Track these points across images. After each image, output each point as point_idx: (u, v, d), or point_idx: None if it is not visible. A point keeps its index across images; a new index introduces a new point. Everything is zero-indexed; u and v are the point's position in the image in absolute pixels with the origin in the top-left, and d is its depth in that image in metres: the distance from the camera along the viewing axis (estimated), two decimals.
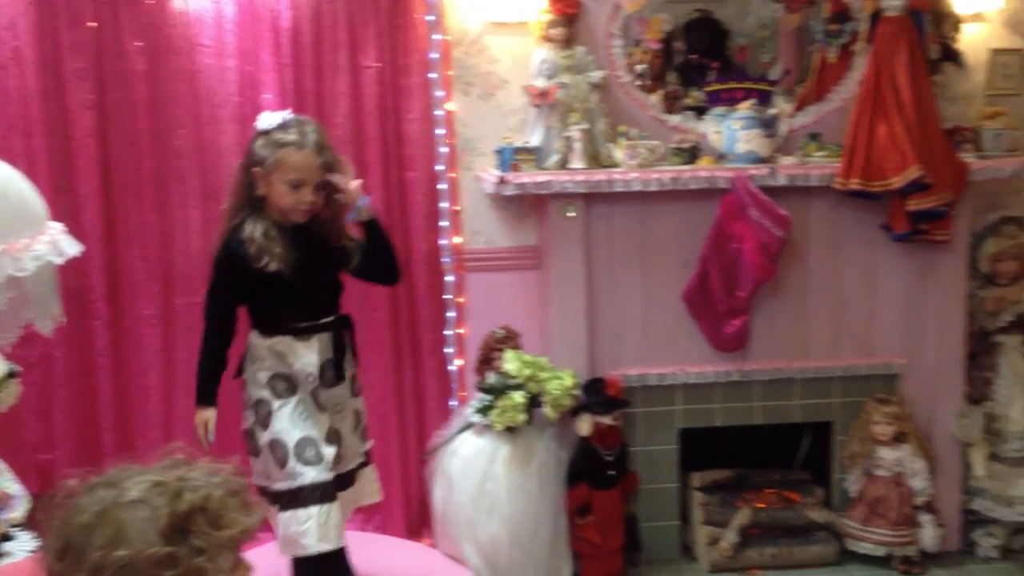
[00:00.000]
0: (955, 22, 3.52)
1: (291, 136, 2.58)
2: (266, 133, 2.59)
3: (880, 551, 3.52)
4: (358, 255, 2.73)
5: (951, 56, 3.54)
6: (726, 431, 3.60)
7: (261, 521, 1.40)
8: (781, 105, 3.44)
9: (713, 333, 3.46)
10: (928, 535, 3.53)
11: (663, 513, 3.55)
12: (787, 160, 3.40)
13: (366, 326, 3.25)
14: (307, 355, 2.67)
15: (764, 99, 3.41)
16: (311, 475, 2.61)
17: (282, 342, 2.67)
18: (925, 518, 3.54)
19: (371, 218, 2.75)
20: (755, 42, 3.54)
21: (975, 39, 3.69)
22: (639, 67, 3.42)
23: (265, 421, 2.66)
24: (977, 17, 3.67)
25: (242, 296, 2.67)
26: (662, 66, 3.49)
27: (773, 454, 3.78)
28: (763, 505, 3.58)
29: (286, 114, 2.63)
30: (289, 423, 2.63)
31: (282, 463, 2.62)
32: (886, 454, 3.54)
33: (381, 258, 2.79)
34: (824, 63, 3.54)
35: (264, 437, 2.65)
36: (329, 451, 2.66)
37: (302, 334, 2.68)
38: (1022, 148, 3.61)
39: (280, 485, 2.63)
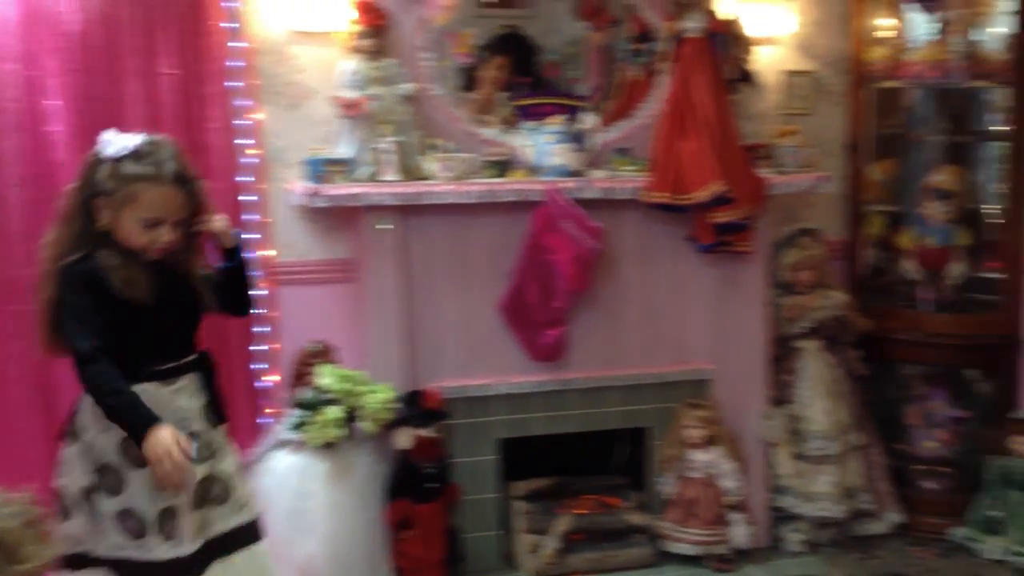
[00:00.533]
0: (749, 44, 3.75)
1: (145, 168, 2.22)
2: (112, 160, 2.22)
3: (695, 551, 3.66)
4: (214, 283, 2.48)
5: (746, 77, 3.77)
6: (546, 440, 3.67)
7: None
8: (590, 120, 3.58)
9: (531, 344, 3.55)
10: (739, 533, 3.70)
11: (484, 524, 3.58)
12: (597, 174, 3.53)
13: None
14: (179, 400, 2.34)
15: (573, 114, 3.53)
16: (168, 550, 2.28)
17: (145, 391, 2.25)
18: (736, 517, 3.71)
19: (236, 244, 2.50)
20: (564, 58, 3.66)
21: (770, 61, 3.95)
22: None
23: (115, 488, 2.28)
24: (771, 40, 3.93)
25: None
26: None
27: (593, 461, 3.89)
28: (583, 511, 3.67)
29: (137, 138, 2.26)
30: (148, 491, 2.25)
31: (138, 534, 2.28)
32: (698, 457, 3.70)
33: (239, 287, 2.55)
34: (630, 81, 3.70)
35: (110, 505, 2.28)
36: (190, 521, 2.32)
37: (168, 377, 2.34)
38: (815, 164, 3.84)
39: (129, 554, 2.29)
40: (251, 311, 2.70)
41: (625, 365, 3.68)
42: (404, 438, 3.31)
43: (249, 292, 2.62)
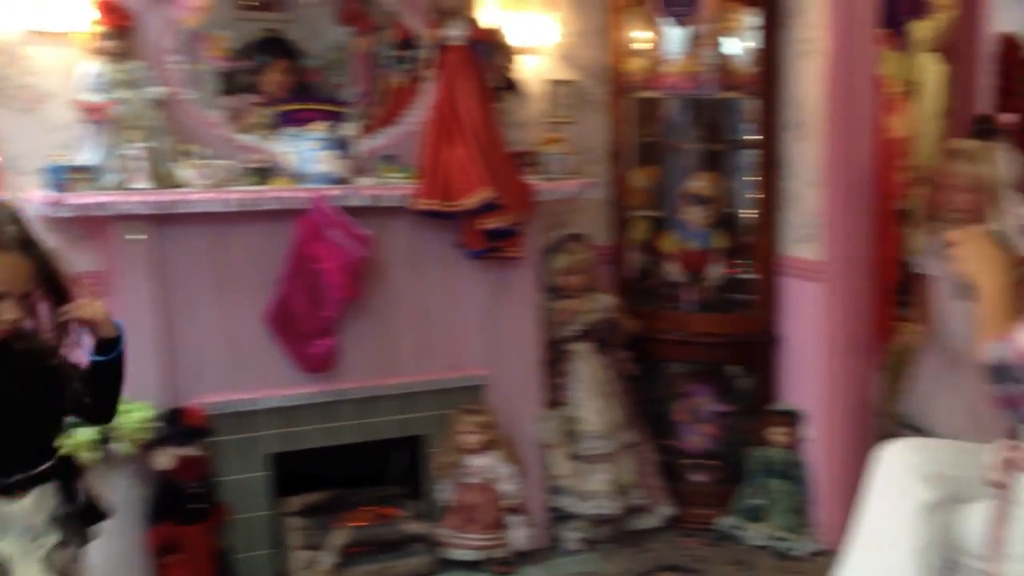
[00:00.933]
0: (513, 53, 3.92)
1: None
2: None
3: (475, 556, 3.78)
4: (76, 379, 2.20)
5: (511, 85, 3.94)
6: (321, 453, 3.70)
7: None
8: (355, 127, 3.64)
9: (300, 355, 3.57)
10: (518, 535, 3.85)
11: (257, 543, 3.58)
12: (364, 181, 3.60)
13: None
14: (23, 515, 2.12)
15: (337, 120, 3.59)
16: None
17: None
18: (515, 519, 3.85)
19: (116, 335, 2.26)
20: (328, 64, 3.73)
21: (534, 70, 4.14)
22: None
23: None
24: (535, 50, 4.12)
25: None
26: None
27: (370, 472, 3.95)
28: (361, 523, 3.73)
29: None
30: None
31: None
32: (475, 462, 3.83)
33: (107, 388, 2.30)
34: (395, 87, 3.80)
35: None
36: None
37: (11, 492, 2.10)
38: (580, 171, 4.06)
39: None
40: (112, 419, 2.45)
41: (399, 373, 3.76)
42: (165, 458, 3.27)
43: (118, 395, 2.37)
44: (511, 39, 3.91)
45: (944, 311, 3.42)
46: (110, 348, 2.26)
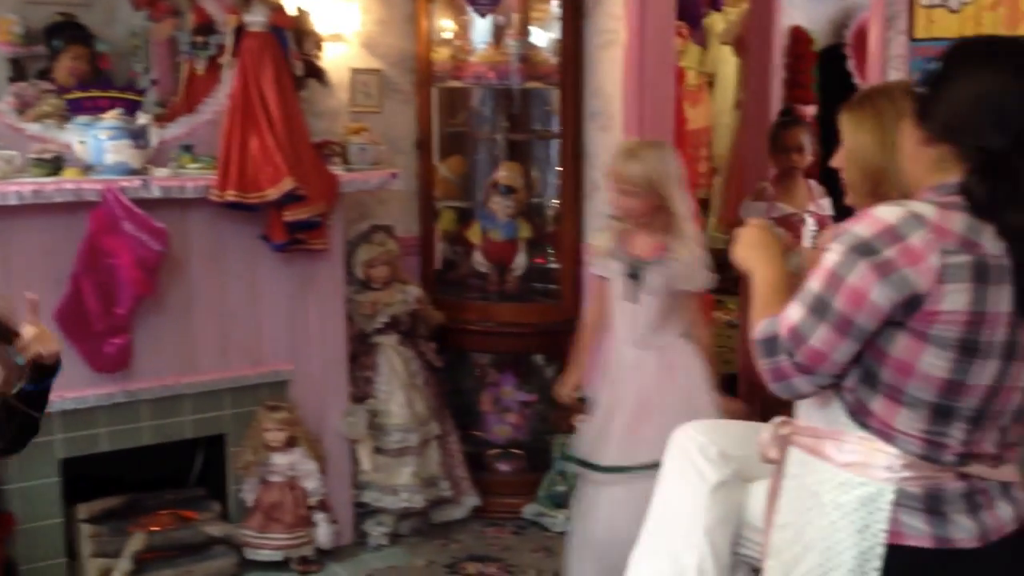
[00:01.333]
0: (317, 40, 3.97)
1: None
2: None
3: (278, 555, 3.85)
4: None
5: (315, 73, 3.98)
6: (118, 456, 3.68)
7: None
8: (150, 116, 3.60)
9: (92, 354, 3.52)
10: (323, 532, 3.94)
11: (47, 552, 3.53)
12: (161, 172, 3.58)
13: None
14: None
15: (133, 109, 3.55)
16: None
17: None
18: (319, 516, 3.94)
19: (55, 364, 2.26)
20: (126, 51, 3.70)
21: (337, 59, 4.20)
22: None
23: None
24: (337, 37, 4.17)
25: None
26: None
27: (167, 475, 3.93)
28: (158, 527, 3.72)
29: None
30: None
31: None
32: (279, 459, 3.88)
33: (29, 417, 2.28)
34: (194, 75, 3.79)
35: None
36: None
37: None
38: (385, 161, 4.17)
39: None
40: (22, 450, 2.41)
41: (199, 371, 3.78)
42: None
43: (38, 425, 2.34)
44: (315, 26, 3.94)
45: (616, 312, 3.38)
46: (46, 375, 2.28)
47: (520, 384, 4.53)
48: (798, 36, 5.43)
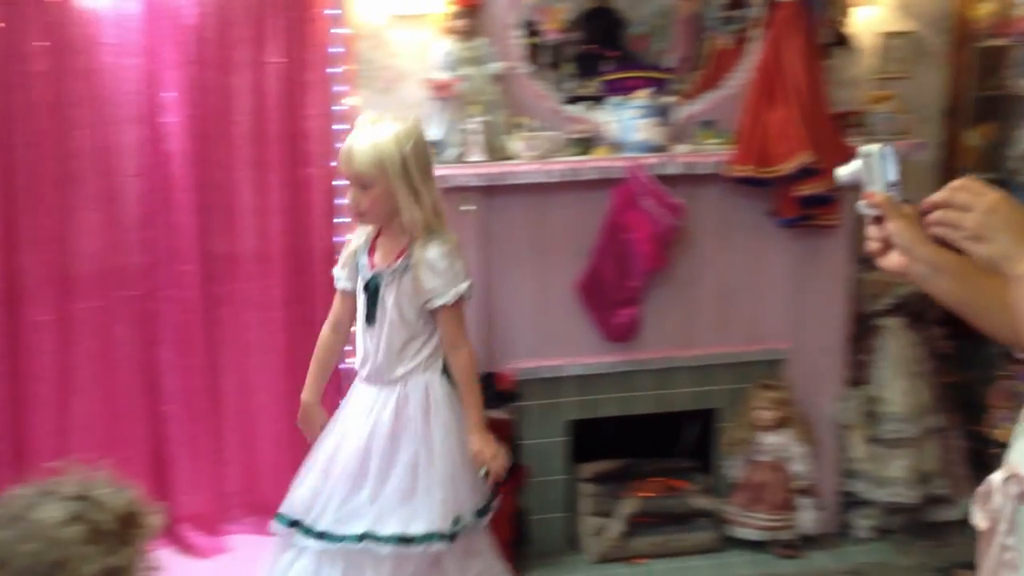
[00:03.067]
0: (844, 6, 4.26)
1: None
2: None
3: (760, 536, 4.41)
4: None
5: (842, 40, 4.28)
6: (615, 421, 4.39)
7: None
8: (675, 93, 4.10)
9: (604, 324, 4.19)
10: (807, 518, 4.43)
11: (552, 506, 4.37)
12: (682, 148, 4.11)
13: (262, 326, 3.80)
14: None
15: (660, 87, 4.10)
16: None
17: None
18: (804, 502, 4.43)
19: None
20: (651, 30, 4.26)
21: (867, 23, 4.46)
22: None
23: None
24: (870, 1, 4.42)
25: None
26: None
27: (661, 443, 4.62)
28: (649, 494, 4.39)
29: None
30: None
31: None
32: (768, 439, 4.41)
33: None
34: (719, 50, 4.26)
35: None
36: None
37: None
38: (910, 131, 4.45)
39: None
40: None
41: (698, 345, 4.39)
42: None
43: None
44: None
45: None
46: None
47: None
48: None
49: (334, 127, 4.07)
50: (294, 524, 3.08)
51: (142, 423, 4.03)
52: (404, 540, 2.98)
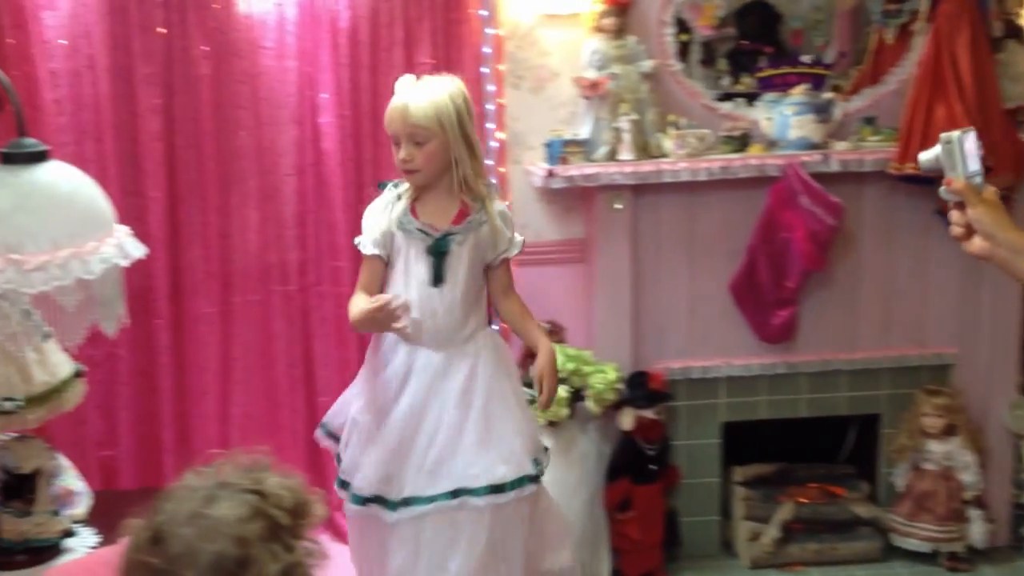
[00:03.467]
0: None
1: None
2: None
3: (927, 547, 4.34)
4: None
5: (1015, 33, 4.13)
6: (769, 424, 4.40)
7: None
8: (834, 89, 4.03)
9: (760, 324, 4.16)
10: (976, 530, 4.34)
11: (704, 508, 4.40)
12: (840, 145, 4.07)
13: None
14: None
15: (818, 83, 4.09)
16: None
17: None
18: (974, 513, 4.36)
19: None
20: (809, 25, 4.28)
21: None
22: None
23: None
24: None
25: None
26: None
27: (817, 448, 4.59)
28: (806, 500, 4.37)
29: None
30: None
31: None
32: (935, 447, 4.33)
33: None
34: (881, 44, 4.25)
35: None
36: None
37: None
38: None
39: None
40: None
41: (858, 348, 4.37)
42: (627, 419, 3.97)
43: None
44: None
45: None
46: None
47: None
48: None
49: (485, 126, 4.18)
50: (372, 501, 3.00)
51: (300, 414, 4.18)
52: (495, 489, 2.96)
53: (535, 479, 3.03)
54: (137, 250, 2.62)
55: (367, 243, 3.02)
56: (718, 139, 4.11)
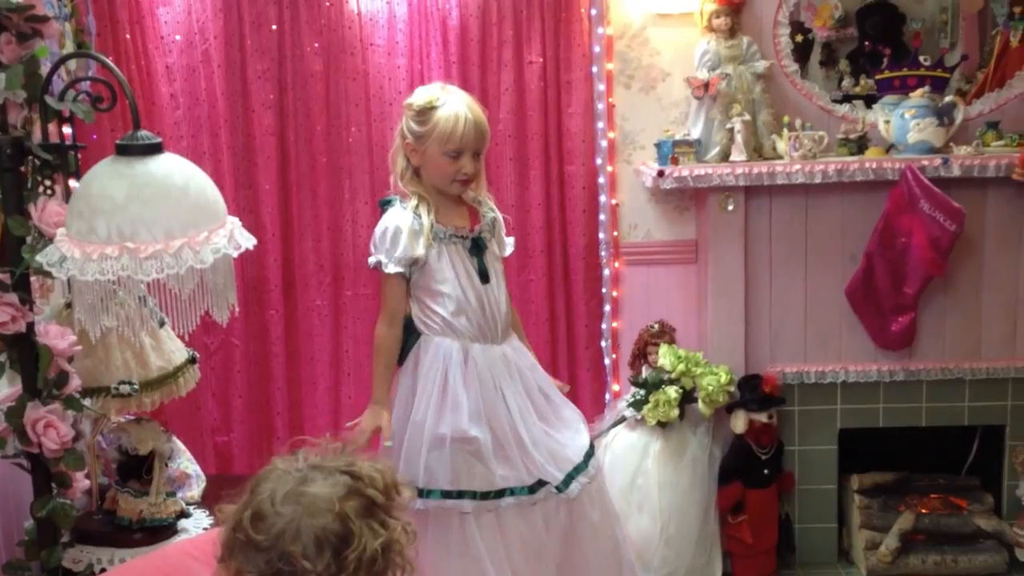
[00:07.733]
0: None
1: None
2: None
3: None
4: None
5: None
6: (888, 433, 4.18)
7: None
8: (956, 93, 3.89)
9: (878, 330, 4.01)
10: None
11: (819, 515, 4.20)
12: (962, 150, 3.89)
13: (524, 319, 3.90)
14: None
15: (939, 86, 3.90)
16: None
17: None
18: None
19: None
20: (933, 27, 4.07)
21: None
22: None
23: None
24: None
25: None
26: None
27: (937, 458, 4.34)
28: (927, 510, 4.16)
29: None
30: None
31: None
32: None
33: None
34: (1006, 47, 4.07)
35: None
36: None
37: None
38: None
39: None
40: None
41: (982, 356, 4.13)
42: (739, 422, 3.87)
43: None
44: None
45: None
46: None
47: None
48: None
49: (596, 125, 4.14)
50: (501, 494, 2.96)
51: None
52: (577, 468, 3.03)
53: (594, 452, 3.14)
54: (247, 240, 2.63)
55: (389, 263, 2.98)
56: (834, 141, 3.97)
